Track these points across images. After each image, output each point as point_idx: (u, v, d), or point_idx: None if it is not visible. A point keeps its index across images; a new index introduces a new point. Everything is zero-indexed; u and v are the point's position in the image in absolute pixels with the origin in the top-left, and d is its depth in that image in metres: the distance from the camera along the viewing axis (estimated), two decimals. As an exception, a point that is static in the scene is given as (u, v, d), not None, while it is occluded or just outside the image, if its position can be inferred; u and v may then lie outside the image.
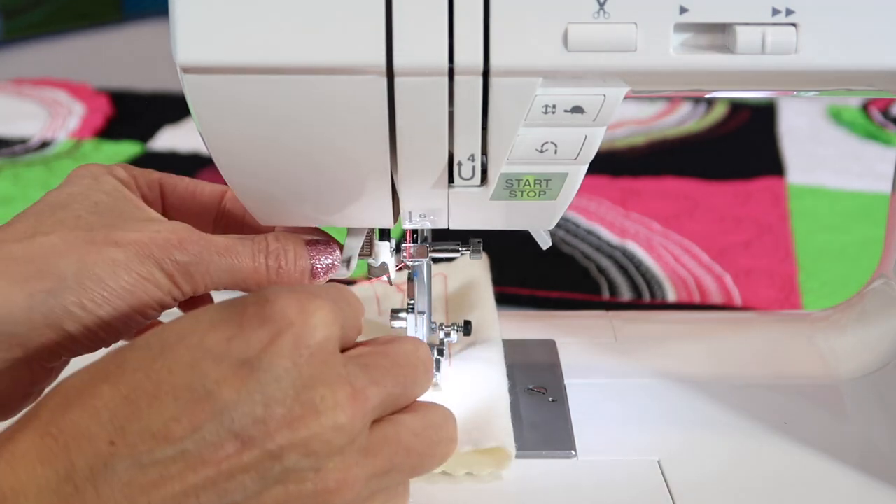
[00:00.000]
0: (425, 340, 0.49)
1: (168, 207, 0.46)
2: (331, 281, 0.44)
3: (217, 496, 0.30)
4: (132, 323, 0.40)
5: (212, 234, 0.41)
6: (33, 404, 0.32)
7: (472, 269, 0.60)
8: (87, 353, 0.40)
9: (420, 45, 0.35)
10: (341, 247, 0.45)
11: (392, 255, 0.47)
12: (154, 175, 0.46)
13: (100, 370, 0.31)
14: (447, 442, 0.36)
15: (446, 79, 0.36)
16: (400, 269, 0.48)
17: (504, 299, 0.65)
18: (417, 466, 0.35)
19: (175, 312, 0.41)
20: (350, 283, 0.58)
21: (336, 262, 0.44)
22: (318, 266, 0.43)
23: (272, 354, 0.31)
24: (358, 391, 0.32)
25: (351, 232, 0.45)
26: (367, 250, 0.46)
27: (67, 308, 0.38)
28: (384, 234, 0.47)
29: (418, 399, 0.36)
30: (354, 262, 0.45)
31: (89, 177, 0.43)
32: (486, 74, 0.36)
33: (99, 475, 0.29)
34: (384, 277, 0.47)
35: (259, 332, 0.32)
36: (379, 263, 0.47)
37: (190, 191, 0.46)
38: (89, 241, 0.38)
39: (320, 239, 0.44)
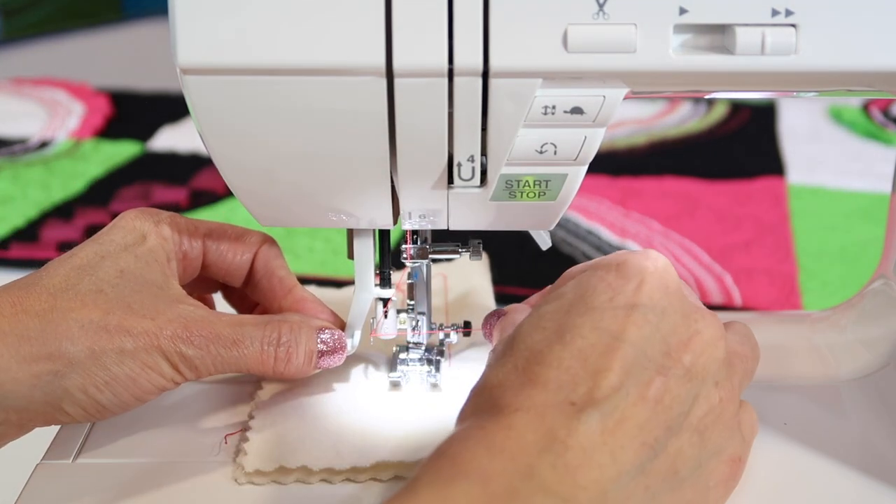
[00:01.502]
0: (425, 342, 0.50)
1: (208, 262, 0.47)
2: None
3: (665, 425, 0.35)
4: (128, 406, 0.41)
5: (223, 323, 0.42)
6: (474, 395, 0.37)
7: (472, 270, 0.60)
8: (78, 423, 0.42)
9: (420, 47, 0.35)
10: (344, 325, 0.47)
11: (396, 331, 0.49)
12: (201, 230, 0.47)
13: (527, 352, 0.36)
14: (757, 345, 0.42)
15: (446, 80, 0.36)
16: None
17: (504, 299, 0.65)
18: (752, 370, 0.42)
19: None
20: (349, 283, 0.58)
21: (343, 347, 0.46)
22: (325, 350, 0.45)
23: (648, 296, 0.37)
24: (710, 312, 0.38)
25: (357, 233, 0.46)
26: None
27: (69, 391, 0.39)
28: (384, 238, 0.47)
29: None
30: (358, 337, 0.47)
31: (130, 233, 0.44)
32: (485, 75, 0.36)
33: (574, 427, 0.33)
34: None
35: (629, 284, 0.37)
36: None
37: (232, 244, 0.47)
38: (102, 328, 0.40)
39: (330, 326, 0.46)
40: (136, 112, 1.25)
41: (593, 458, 0.33)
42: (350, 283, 0.48)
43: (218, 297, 0.52)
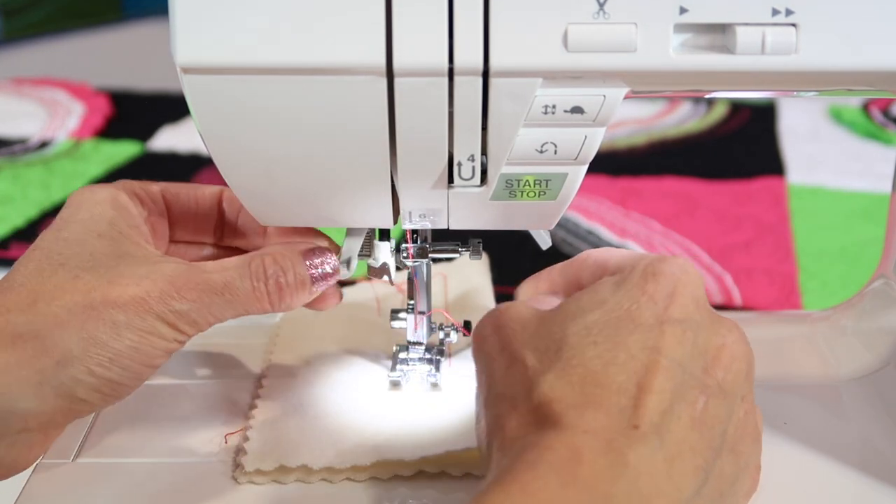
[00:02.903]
0: (425, 341, 0.50)
1: (173, 217, 0.47)
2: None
3: (710, 446, 0.35)
4: (142, 375, 0.40)
5: (209, 271, 0.41)
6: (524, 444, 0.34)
7: (472, 269, 0.60)
8: (102, 408, 0.41)
9: (420, 46, 0.35)
10: (339, 248, 0.45)
11: (392, 255, 0.47)
12: (154, 188, 0.46)
13: (581, 369, 0.35)
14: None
15: (446, 79, 0.36)
16: (399, 268, 0.48)
17: (504, 299, 0.65)
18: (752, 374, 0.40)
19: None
20: (350, 283, 0.58)
21: (336, 267, 0.44)
22: (317, 273, 0.44)
23: (681, 308, 0.36)
24: (731, 321, 0.39)
25: (350, 232, 0.45)
26: (367, 251, 0.46)
27: (77, 377, 0.39)
28: (384, 235, 0.47)
29: None
30: (354, 263, 0.45)
31: (86, 207, 0.43)
32: (485, 75, 0.36)
33: (641, 454, 0.33)
34: (384, 277, 0.47)
35: (662, 294, 0.37)
36: (379, 264, 0.47)
37: (192, 197, 0.47)
38: (89, 306, 0.39)
39: (317, 247, 0.44)
40: (136, 112, 1.25)
41: (660, 485, 0.33)
42: (350, 283, 0.48)
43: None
